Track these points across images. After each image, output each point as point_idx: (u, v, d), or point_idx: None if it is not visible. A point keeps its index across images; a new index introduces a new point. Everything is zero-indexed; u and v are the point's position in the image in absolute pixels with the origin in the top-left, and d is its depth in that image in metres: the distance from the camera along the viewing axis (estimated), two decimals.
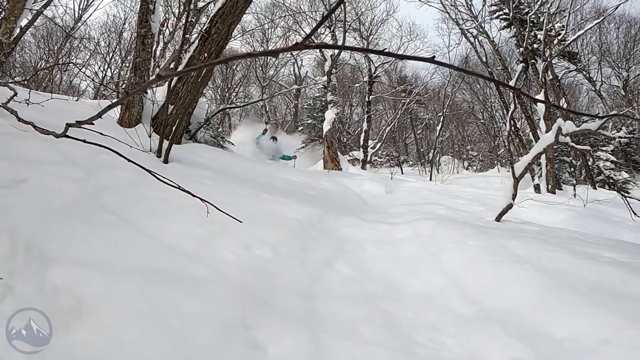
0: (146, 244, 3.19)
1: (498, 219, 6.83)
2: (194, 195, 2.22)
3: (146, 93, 8.44)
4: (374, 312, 3.17)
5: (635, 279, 3.76)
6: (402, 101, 33.29)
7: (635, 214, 6.26)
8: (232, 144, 11.78)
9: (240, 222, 2.67)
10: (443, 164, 38.11)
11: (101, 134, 2.32)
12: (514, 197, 6.95)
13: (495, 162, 35.79)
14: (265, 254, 3.67)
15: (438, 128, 29.70)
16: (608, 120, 30.07)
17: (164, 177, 2.29)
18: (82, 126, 1.79)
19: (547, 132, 7.55)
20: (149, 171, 2.20)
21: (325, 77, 20.66)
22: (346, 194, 8.89)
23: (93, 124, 1.71)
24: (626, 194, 6.59)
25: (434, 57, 1.05)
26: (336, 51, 20.99)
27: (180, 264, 3.06)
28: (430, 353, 2.69)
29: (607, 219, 10.10)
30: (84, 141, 2.09)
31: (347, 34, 24.99)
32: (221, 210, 2.32)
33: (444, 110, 29.45)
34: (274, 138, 20.08)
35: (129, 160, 2.20)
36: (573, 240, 5.56)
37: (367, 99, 28.94)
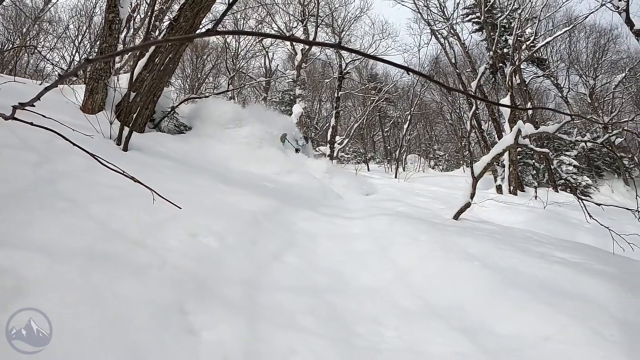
0: (93, 229, 3.14)
1: (456, 217, 6.92)
2: (136, 181, 2.21)
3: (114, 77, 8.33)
4: (318, 303, 3.17)
5: (583, 279, 3.84)
6: (372, 98, 33.43)
7: (591, 216, 6.39)
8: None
9: (180, 208, 2.65)
10: (409, 162, 38.47)
11: (44, 116, 2.29)
12: (472, 196, 7.05)
13: (462, 162, 36.24)
14: (211, 242, 3.65)
15: (405, 126, 29.88)
16: (573, 126, 30.74)
17: (110, 163, 2.27)
18: (28, 109, 1.76)
19: None
20: (94, 156, 2.19)
21: (294, 71, 20.64)
22: (309, 188, 8.89)
23: (34, 105, 1.69)
24: (583, 198, 6.71)
25: (407, 66, 1.08)
26: (306, 45, 20.95)
27: (124, 249, 3.02)
28: (369, 344, 2.69)
29: (566, 221, 10.32)
30: (31, 124, 2.07)
31: (319, 29, 25.05)
32: (162, 197, 2.31)
33: (412, 109, 29.63)
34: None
35: (75, 145, 2.18)
36: (527, 240, 5.65)
37: (336, 95, 28.99)
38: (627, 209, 6.30)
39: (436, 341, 2.82)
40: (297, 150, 13.68)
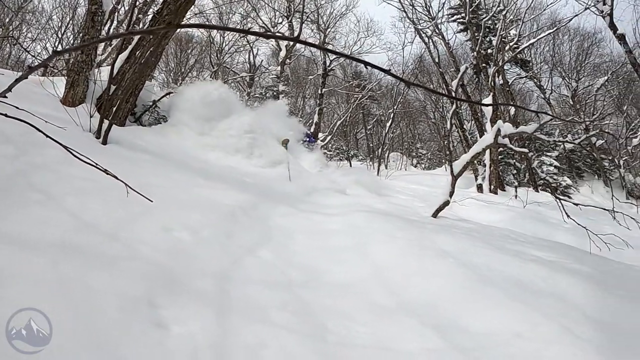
0: (66, 221, 3.12)
1: (435, 215, 6.97)
2: (108, 173, 2.21)
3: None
4: (290, 298, 3.17)
5: (557, 277, 3.89)
6: (355, 96, 33.48)
7: (568, 216, 6.47)
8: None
9: (151, 201, 2.67)
10: (392, 160, 38.57)
11: (17, 107, 2.28)
12: (451, 195, 7.10)
13: (444, 160, 36.42)
14: (185, 236, 3.65)
15: (388, 124, 29.93)
16: (555, 127, 31.05)
17: (84, 156, 2.27)
18: (4, 101, 1.75)
19: None
20: (67, 148, 2.18)
21: (278, 67, 20.61)
22: (289, 184, 8.86)
23: (6, 97, 1.68)
24: (561, 197, 6.79)
25: (389, 69, 1.09)
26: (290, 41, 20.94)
27: (96, 242, 3.01)
28: (340, 340, 2.70)
29: (544, 220, 10.42)
30: (5, 115, 2.06)
31: (304, 25, 25.03)
32: (134, 190, 2.31)
33: (395, 107, 29.67)
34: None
35: (48, 137, 2.17)
36: (504, 238, 5.70)
37: (319, 92, 28.99)
38: (604, 209, 6.40)
39: (407, 338, 2.83)
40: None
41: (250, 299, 3.00)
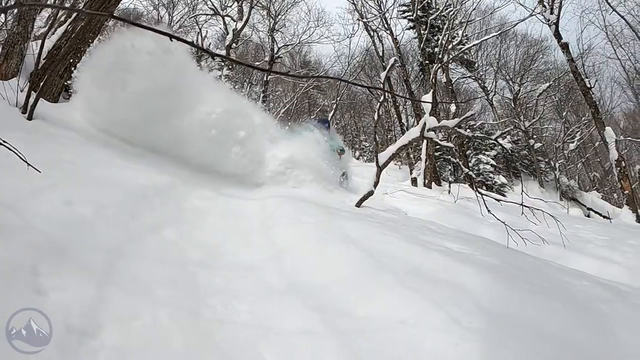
0: None
1: (358, 204, 7.09)
2: (8, 148, 2.23)
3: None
4: (181, 275, 3.23)
5: (459, 268, 3.92)
6: (301, 85, 33.53)
7: (489, 210, 6.59)
8: None
9: (39, 172, 2.69)
10: None
11: None
12: (375, 185, 7.25)
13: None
14: (87, 212, 3.63)
15: (330, 115, 30.10)
16: (496, 128, 31.83)
17: None
18: None
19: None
20: None
21: (224, 50, 20.43)
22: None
23: None
24: (483, 192, 7.04)
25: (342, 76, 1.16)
26: (239, 25, 20.79)
27: None
28: (216, 316, 2.78)
29: (472, 215, 10.66)
30: None
31: (254, 10, 24.86)
32: (28, 163, 2.34)
33: (338, 98, 29.83)
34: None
35: None
36: (421, 229, 5.80)
37: (265, 78, 28.88)
38: (516, 203, 6.55)
39: (287, 318, 2.90)
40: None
41: (138, 274, 3.03)
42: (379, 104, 7.99)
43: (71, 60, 8.07)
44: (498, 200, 7.21)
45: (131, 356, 2.22)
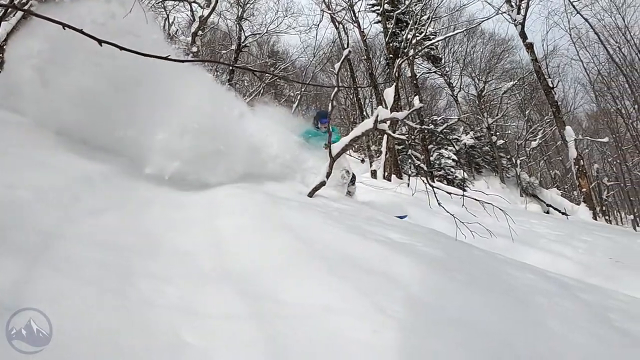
0: None
1: (310, 194, 7.13)
2: None
3: None
4: (114, 260, 3.23)
5: (396, 258, 3.97)
6: (267, 74, 33.44)
7: (439, 203, 6.73)
8: None
9: None
10: None
11: None
12: (327, 176, 7.27)
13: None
14: (28, 195, 3.62)
15: (294, 106, 30.09)
16: (459, 125, 32.24)
17: None
18: None
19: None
20: None
21: (189, 37, 20.19)
22: None
23: None
24: (433, 185, 7.09)
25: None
26: (205, 12, 20.55)
27: None
28: (143, 298, 2.80)
29: (427, 208, 10.80)
30: None
31: None
32: None
33: (302, 89, 29.84)
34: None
35: None
36: (367, 220, 5.86)
37: (230, 67, 28.71)
38: (474, 198, 6.64)
39: (213, 303, 2.94)
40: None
41: (72, 256, 3.04)
42: (332, 95, 7.98)
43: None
44: (449, 193, 7.32)
45: (54, 332, 2.21)
